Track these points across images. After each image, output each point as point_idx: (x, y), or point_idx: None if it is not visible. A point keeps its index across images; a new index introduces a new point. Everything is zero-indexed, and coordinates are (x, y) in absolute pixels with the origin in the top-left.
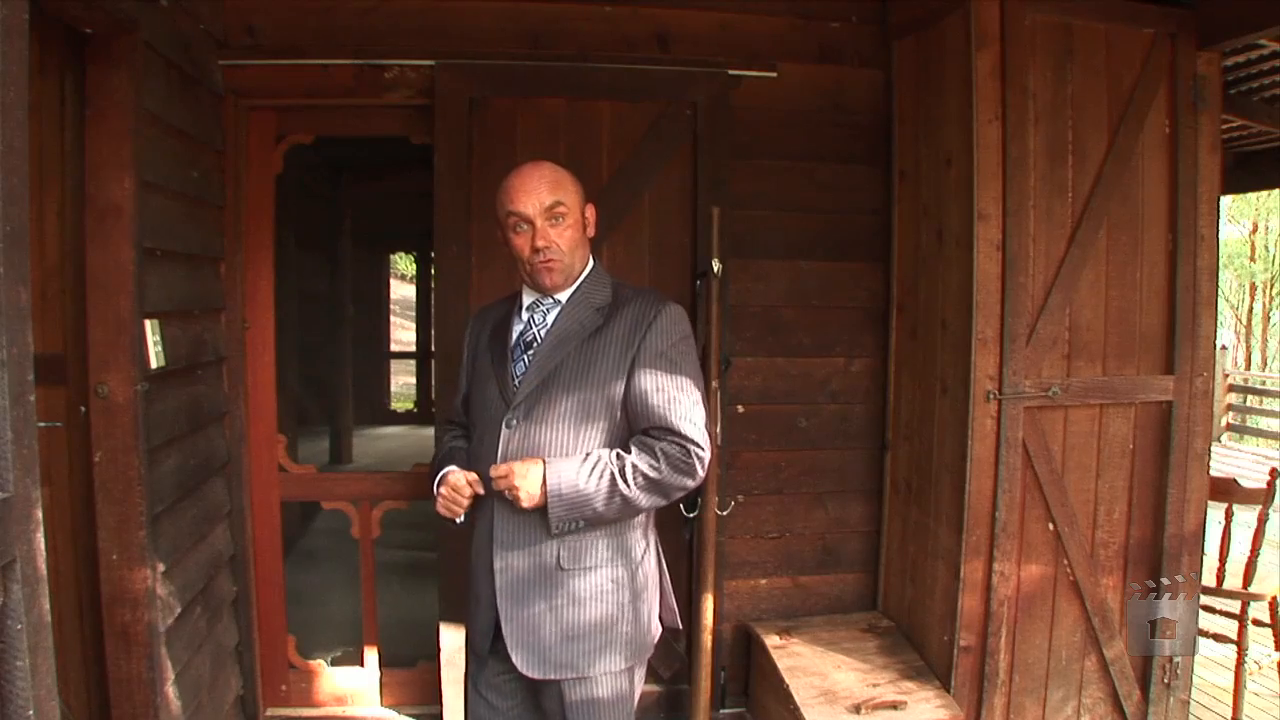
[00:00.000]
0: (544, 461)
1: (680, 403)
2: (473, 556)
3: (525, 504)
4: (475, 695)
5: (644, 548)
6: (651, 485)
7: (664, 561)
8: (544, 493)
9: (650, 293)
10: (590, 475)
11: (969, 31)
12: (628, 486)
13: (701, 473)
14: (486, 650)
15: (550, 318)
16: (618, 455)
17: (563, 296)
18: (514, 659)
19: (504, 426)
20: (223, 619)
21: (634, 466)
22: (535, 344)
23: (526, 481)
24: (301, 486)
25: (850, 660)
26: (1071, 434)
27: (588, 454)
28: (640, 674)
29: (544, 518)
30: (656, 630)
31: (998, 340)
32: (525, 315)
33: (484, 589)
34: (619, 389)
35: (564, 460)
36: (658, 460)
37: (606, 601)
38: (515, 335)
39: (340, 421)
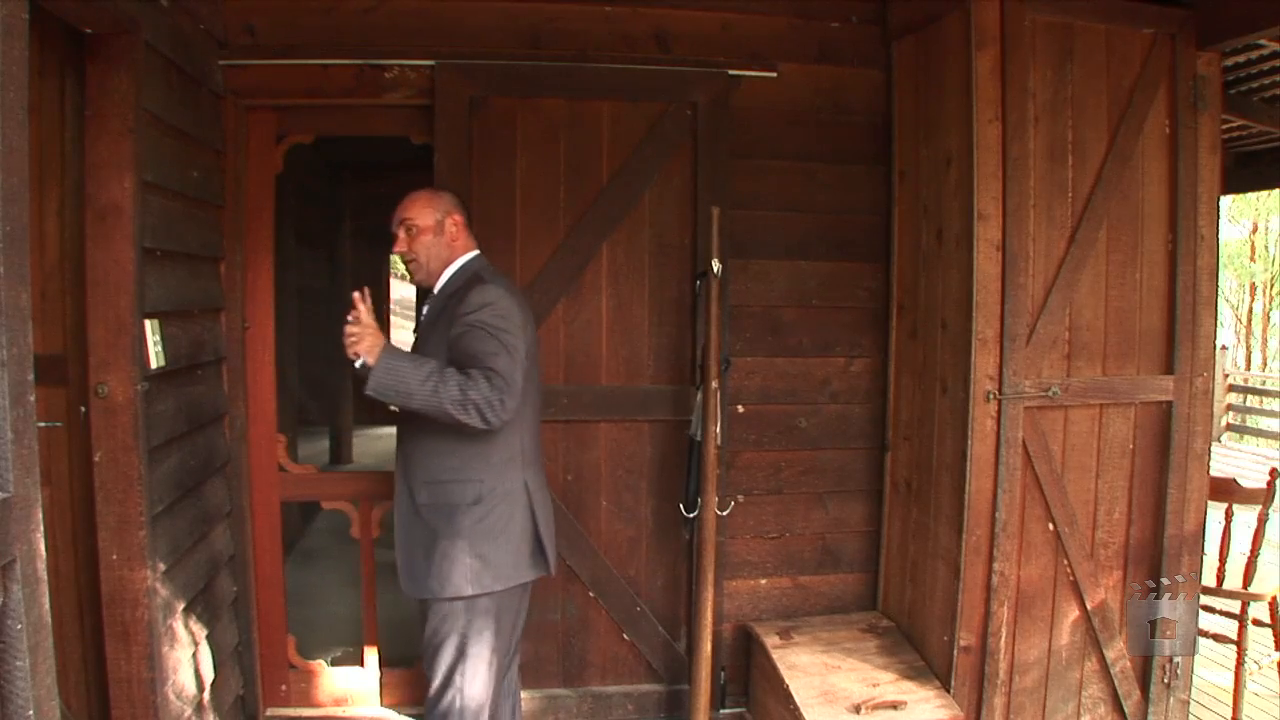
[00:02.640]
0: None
1: (491, 357)
2: None
3: (367, 357)
4: None
5: (483, 495)
6: (462, 384)
7: (538, 516)
8: (378, 357)
9: (480, 278)
10: (417, 360)
11: (969, 31)
12: (443, 381)
13: (497, 396)
14: None
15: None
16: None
17: (437, 289)
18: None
19: None
20: (223, 619)
21: (453, 373)
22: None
23: (364, 344)
24: (301, 486)
25: (850, 660)
26: (1071, 434)
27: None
28: (493, 610)
29: (411, 465)
30: (517, 575)
31: (998, 340)
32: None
33: None
34: (444, 351)
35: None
36: (472, 375)
37: (442, 538)
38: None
39: (340, 421)
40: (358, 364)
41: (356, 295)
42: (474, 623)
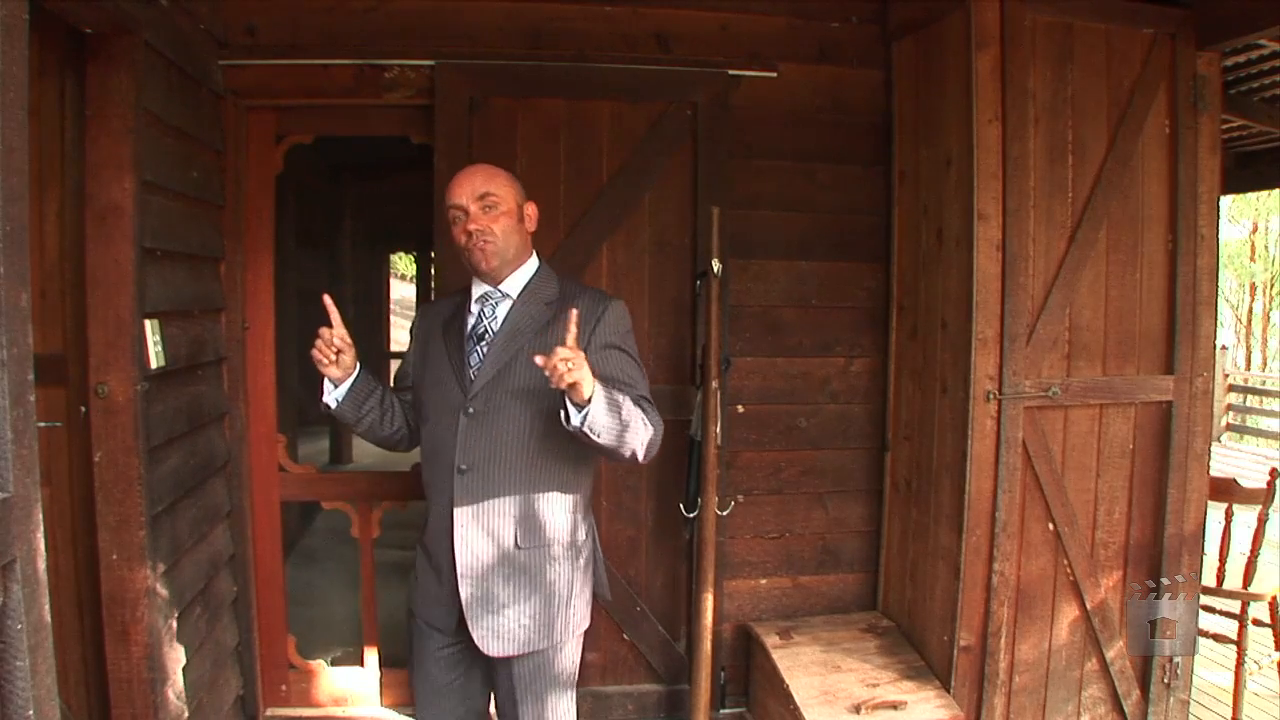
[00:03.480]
0: None
1: (640, 384)
2: (428, 540)
3: (584, 391)
4: (420, 667)
5: (586, 528)
6: (645, 420)
7: (597, 540)
8: (593, 390)
9: (595, 290)
10: (615, 391)
11: (969, 32)
12: (634, 414)
13: (661, 430)
14: (453, 627)
15: (500, 311)
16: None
17: (512, 291)
18: (475, 636)
19: (462, 414)
20: (223, 619)
21: (635, 405)
22: (488, 336)
23: (584, 372)
24: (301, 486)
25: (850, 660)
26: (1071, 434)
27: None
28: (581, 645)
29: (501, 500)
30: (590, 603)
31: (998, 340)
32: (476, 308)
33: (445, 570)
34: None
35: None
36: (645, 409)
37: (558, 579)
38: (469, 328)
39: (340, 422)
40: (328, 402)
41: (327, 299)
42: (577, 660)
